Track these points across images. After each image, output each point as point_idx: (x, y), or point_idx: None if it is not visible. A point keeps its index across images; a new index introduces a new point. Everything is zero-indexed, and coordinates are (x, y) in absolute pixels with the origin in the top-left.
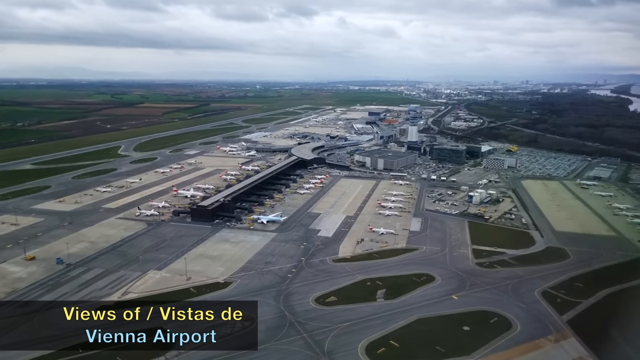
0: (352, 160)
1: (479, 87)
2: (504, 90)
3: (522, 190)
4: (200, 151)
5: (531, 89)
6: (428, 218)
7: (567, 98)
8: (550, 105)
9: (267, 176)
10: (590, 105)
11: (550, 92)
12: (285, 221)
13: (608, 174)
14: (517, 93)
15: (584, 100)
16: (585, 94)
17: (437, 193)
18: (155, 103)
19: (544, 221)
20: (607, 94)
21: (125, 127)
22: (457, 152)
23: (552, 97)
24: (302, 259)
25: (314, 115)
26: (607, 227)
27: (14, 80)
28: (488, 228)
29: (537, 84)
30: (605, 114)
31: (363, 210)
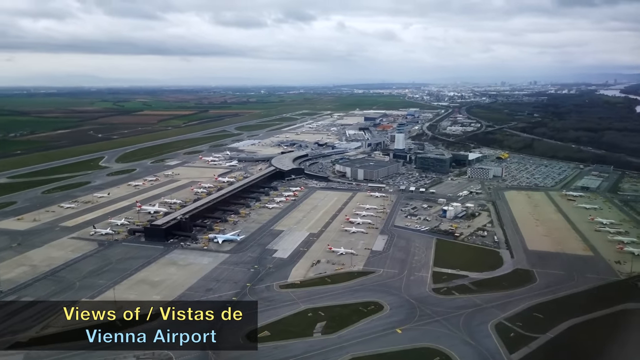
0: (334, 170)
1: (485, 89)
2: (510, 92)
3: (503, 202)
4: (182, 161)
5: (538, 90)
6: (395, 235)
7: (574, 99)
8: (553, 107)
9: (238, 189)
10: (595, 106)
11: (557, 92)
12: (242, 240)
13: (597, 183)
14: (523, 94)
15: (590, 101)
16: (592, 94)
17: (411, 207)
18: (155, 110)
19: (518, 238)
20: (615, 94)
21: (116, 136)
22: (441, 161)
23: (558, 98)
24: (247, 285)
25: (310, 121)
26: (585, 245)
27: (24, 89)
28: (456, 247)
29: (545, 85)
30: (609, 116)
31: (330, 226)
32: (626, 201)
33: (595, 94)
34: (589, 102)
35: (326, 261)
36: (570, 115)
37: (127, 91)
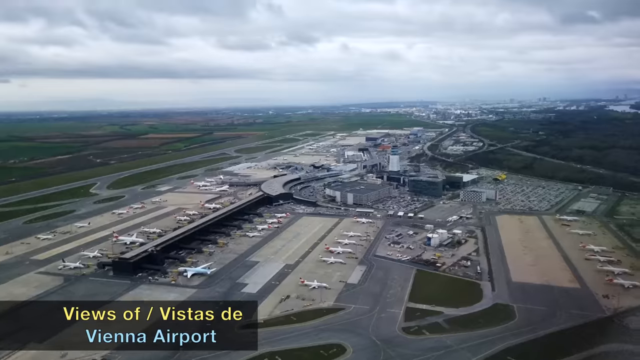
0: (324, 194)
1: (493, 106)
2: (519, 109)
3: (493, 228)
4: (174, 187)
5: (547, 107)
6: (374, 266)
7: (582, 115)
8: (560, 124)
9: (219, 217)
10: (603, 123)
11: (565, 109)
12: (214, 273)
13: (594, 206)
14: (531, 111)
15: (598, 117)
16: (601, 110)
17: (396, 234)
18: (161, 133)
19: (503, 269)
20: (625, 110)
21: (114, 161)
22: (433, 184)
23: (566, 115)
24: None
25: (311, 142)
26: (573, 275)
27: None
28: (436, 278)
29: (554, 101)
30: (615, 133)
31: (308, 256)
32: (622, 226)
33: (604, 110)
34: (597, 118)
35: (296, 296)
36: (576, 132)
37: (138, 114)
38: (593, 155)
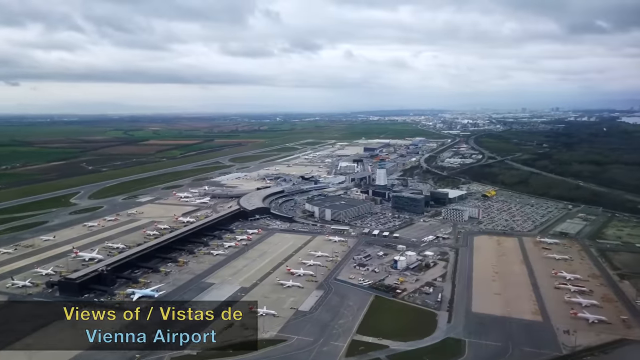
0: (303, 209)
1: (504, 116)
2: (529, 119)
3: (468, 250)
4: (155, 198)
5: (558, 117)
6: (332, 291)
7: (591, 127)
8: (566, 136)
9: (187, 233)
10: (611, 135)
11: (576, 120)
12: (162, 296)
13: (578, 228)
14: (540, 122)
15: (608, 129)
16: (612, 122)
17: (365, 255)
18: (162, 139)
19: (466, 297)
20: (637, 122)
21: (106, 168)
22: (415, 201)
23: (575, 126)
24: (136, 356)
25: (309, 151)
26: (537, 307)
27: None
28: (392, 307)
29: (567, 111)
30: (621, 147)
31: (267, 278)
32: (603, 251)
33: (615, 121)
34: (607, 130)
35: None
36: (581, 145)
37: (147, 119)
38: (592, 171)
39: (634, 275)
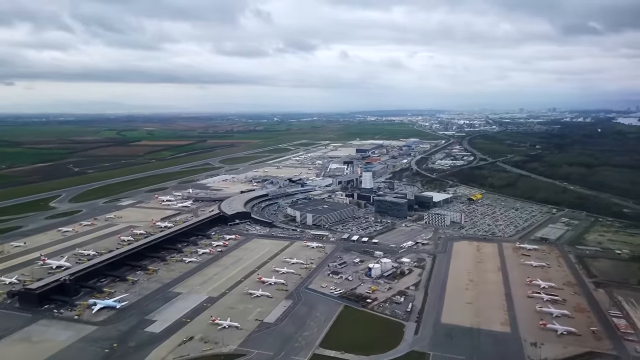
0: (285, 213)
1: (501, 116)
2: (525, 119)
3: (446, 256)
4: (137, 201)
5: (554, 118)
6: (301, 301)
7: (586, 128)
8: (559, 137)
9: (160, 239)
10: (604, 137)
11: (572, 120)
12: (124, 307)
13: (560, 233)
14: (536, 122)
15: (602, 130)
16: (608, 123)
17: (340, 262)
18: (155, 140)
19: (437, 307)
20: (632, 123)
21: (92, 170)
22: (398, 205)
23: (570, 127)
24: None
25: (301, 152)
26: (507, 317)
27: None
28: (360, 318)
29: (564, 112)
30: (613, 148)
31: (237, 287)
32: (582, 257)
33: (610, 122)
34: (601, 131)
35: (200, 338)
36: (574, 147)
37: (144, 118)
38: (581, 174)
39: (610, 284)
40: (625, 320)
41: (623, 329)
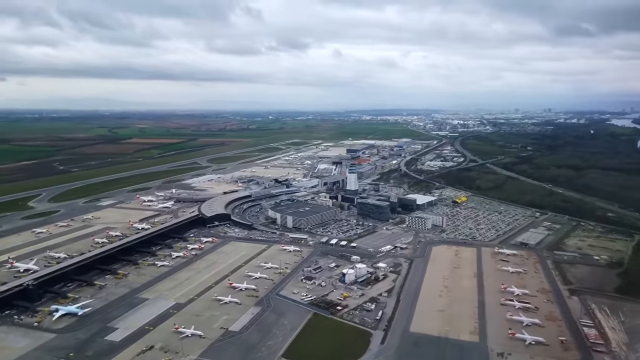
0: (266, 215)
1: (496, 116)
2: (520, 120)
3: (424, 261)
4: (117, 201)
5: (549, 119)
6: (270, 308)
7: (579, 129)
8: (551, 139)
9: (135, 242)
10: (596, 138)
11: (566, 121)
12: (88, 313)
13: (540, 238)
14: (530, 123)
15: (595, 132)
16: (601, 124)
17: (315, 267)
18: (146, 138)
19: (407, 314)
20: (625, 125)
21: (77, 169)
22: (380, 208)
23: (564, 128)
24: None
25: (292, 152)
26: (476, 326)
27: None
28: (328, 326)
29: (559, 113)
30: (604, 150)
31: (206, 293)
32: (559, 263)
33: (604, 123)
34: (594, 133)
35: (160, 347)
36: (565, 148)
37: (139, 115)
38: (568, 176)
39: (585, 291)
40: (596, 330)
41: (592, 339)
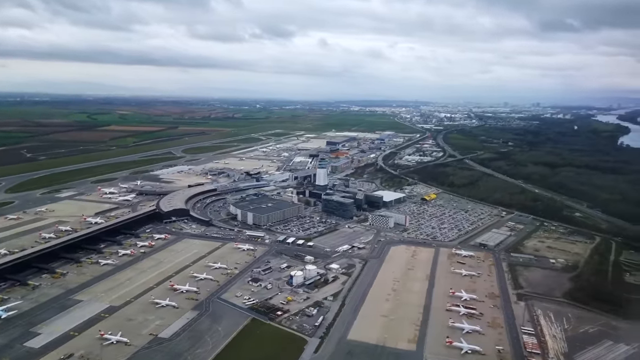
0: (228, 211)
1: (484, 110)
2: (508, 114)
3: (378, 262)
4: (78, 193)
5: (535, 113)
6: (207, 313)
7: (564, 125)
8: (533, 134)
9: (78, 238)
10: (579, 135)
11: (552, 117)
12: (11, 316)
13: (501, 239)
14: (517, 117)
15: (579, 128)
16: (586, 120)
17: (265, 267)
18: (125, 125)
19: (349, 320)
20: (610, 121)
21: (45, 156)
22: (344, 205)
23: (548, 124)
24: None
25: (271, 143)
26: (416, 333)
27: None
28: (263, 333)
29: (547, 107)
30: (583, 148)
31: (145, 296)
32: (514, 266)
33: (589, 119)
34: (577, 129)
35: (80, 355)
36: (545, 145)
37: (122, 101)
38: (543, 174)
39: (533, 296)
40: (536, 338)
41: (530, 348)
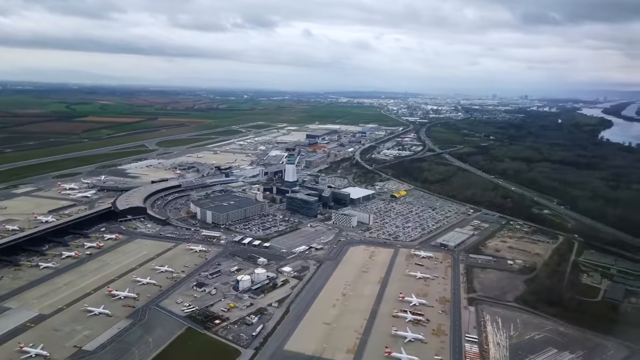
0: (188, 209)
1: (472, 102)
2: (495, 107)
3: (334, 264)
4: (36, 188)
5: (523, 106)
6: (141, 322)
7: (548, 118)
8: (515, 128)
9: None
10: (561, 129)
11: (538, 110)
12: None
13: (462, 238)
14: (503, 110)
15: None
16: (570, 113)
17: (213, 271)
18: (104, 116)
19: (289, 329)
20: (594, 114)
21: (12, 149)
22: (307, 203)
23: (533, 117)
24: None
25: (251, 135)
26: (358, 342)
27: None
28: (196, 344)
29: (533, 100)
30: (563, 142)
31: (79, 303)
32: (472, 267)
33: (573, 113)
34: (561, 122)
35: None
36: (526, 139)
37: (107, 90)
38: (518, 170)
39: (484, 301)
40: (478, 347)
41: (470, 357)
